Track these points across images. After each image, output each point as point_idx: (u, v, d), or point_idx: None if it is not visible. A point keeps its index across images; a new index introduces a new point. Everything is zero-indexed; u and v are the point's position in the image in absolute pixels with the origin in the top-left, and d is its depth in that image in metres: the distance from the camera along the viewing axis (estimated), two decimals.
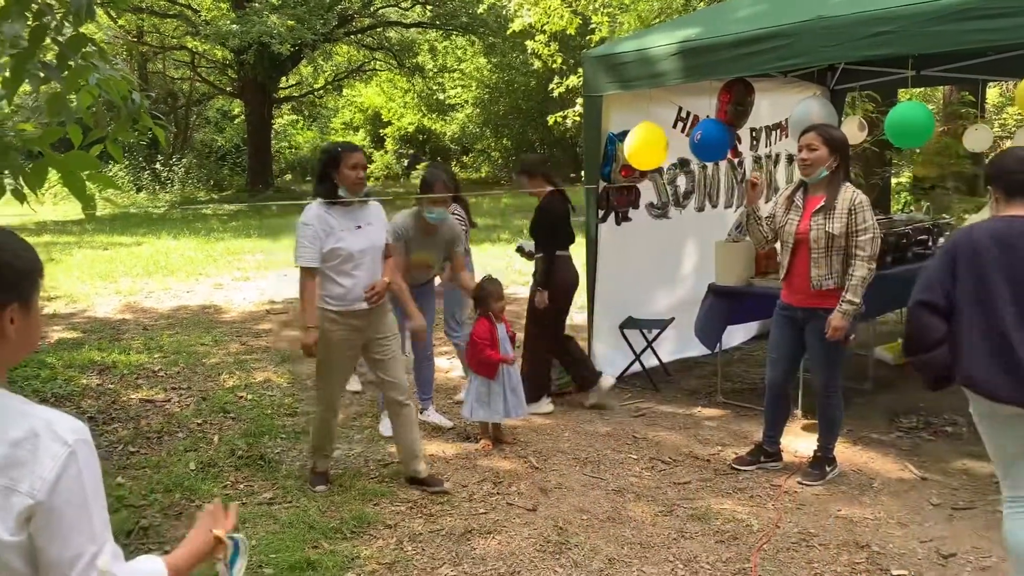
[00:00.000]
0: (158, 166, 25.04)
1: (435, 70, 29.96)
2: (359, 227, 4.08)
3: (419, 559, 3.62)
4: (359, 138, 33.30)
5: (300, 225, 4.03)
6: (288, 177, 31.05)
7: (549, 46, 14.37)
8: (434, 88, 30.37)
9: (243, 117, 27.55)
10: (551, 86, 14.27)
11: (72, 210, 17.10)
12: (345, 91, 32.70)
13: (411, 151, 33.36)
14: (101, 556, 1.37)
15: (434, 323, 5.45)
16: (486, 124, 30.55)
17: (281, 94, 28.55)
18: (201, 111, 30.77)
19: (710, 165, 6.55)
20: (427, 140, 33.62)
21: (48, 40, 3.12)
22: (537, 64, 14.91)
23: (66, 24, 3.30)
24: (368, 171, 5.79)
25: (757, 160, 7.03)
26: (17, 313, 1.41)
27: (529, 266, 6.06)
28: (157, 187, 24.77)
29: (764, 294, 5.29)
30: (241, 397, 5.83)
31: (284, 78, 27.56)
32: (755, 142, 6.92)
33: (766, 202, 4.51)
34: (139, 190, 24.30)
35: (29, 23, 3.17)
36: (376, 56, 28.93)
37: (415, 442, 4.31)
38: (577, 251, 5.62)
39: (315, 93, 31.13)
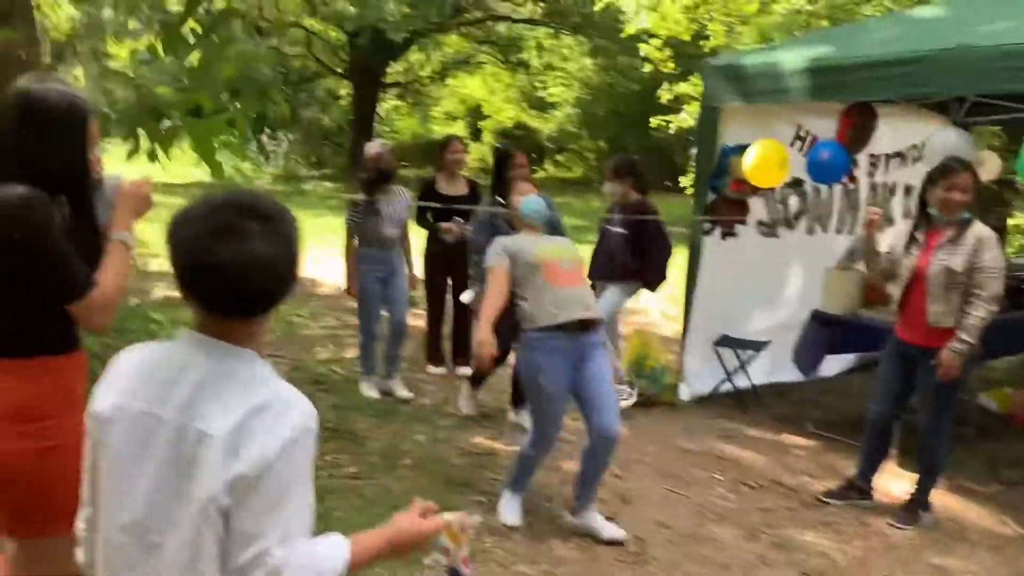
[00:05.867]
0: (264, 139, 25.83)
1: (539, 67, 29.97)
2: None
3: (498, 552, 3.64)
4: (457, 128, 33.58)
5: None
6: None
7: (662, 51, 14.23)
8: (536, 85, 30.40)
9: (349, 99, 28.15)
10: (659, 91, 14.09)
11: (179, 174, 17.73)
12: (449, 81, 33.03)
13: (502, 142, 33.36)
14: (279, 548, 1.33)
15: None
16: (584, 125, 30.40)
17: (388, 79, 29.04)
18: (310, 89, 31.54)
19: (824, 188, 6.36)
20: (524, 136, 33.68)
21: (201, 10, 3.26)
22: (647, 68, 14.74)
23: None
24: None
25: (873, 188, 6.80)
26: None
27: None
28: (262, 160, 25.58)
29: (869, 326, 5.14)
30: (333, 371, 5.96)
31: (393, 64, 28.03)
32: (873, 169, 6.70)
33: (879, 232, 4.35)
34: (244, 160, 25.12)
35: None
36: (483, 49, 29.14)
37: None
38: (680, 262, 5.56)
39: (421, 81, 31.55)
